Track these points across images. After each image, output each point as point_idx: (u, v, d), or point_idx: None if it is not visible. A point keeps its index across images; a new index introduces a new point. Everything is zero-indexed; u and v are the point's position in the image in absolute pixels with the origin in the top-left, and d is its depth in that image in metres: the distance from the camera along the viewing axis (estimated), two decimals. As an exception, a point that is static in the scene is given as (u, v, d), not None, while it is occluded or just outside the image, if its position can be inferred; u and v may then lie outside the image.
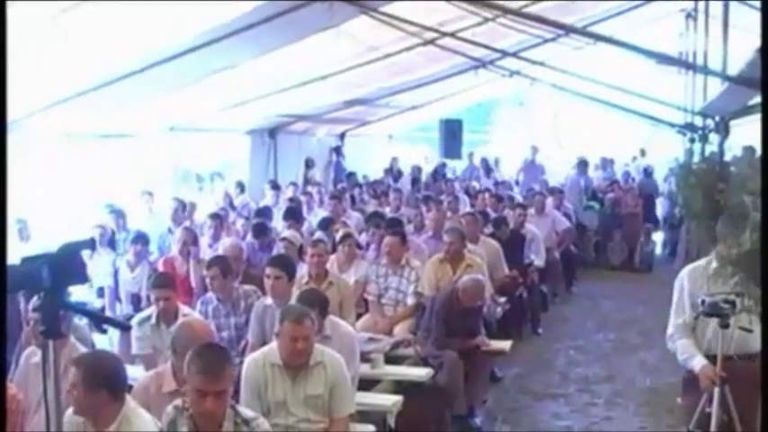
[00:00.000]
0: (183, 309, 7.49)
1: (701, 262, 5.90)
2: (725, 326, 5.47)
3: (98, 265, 10.14)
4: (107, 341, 8.61)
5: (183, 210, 12.43)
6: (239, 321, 7.87)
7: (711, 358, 5.59)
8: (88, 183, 12.62)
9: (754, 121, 8.65)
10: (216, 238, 11.01)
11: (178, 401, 4.75)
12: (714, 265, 5.40)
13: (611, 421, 8.71)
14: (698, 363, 5.61)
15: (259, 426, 4.77)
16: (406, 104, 19.36)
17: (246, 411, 4.87)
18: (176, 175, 15.43)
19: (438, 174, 20.01)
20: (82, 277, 3.35)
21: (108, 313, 9.66)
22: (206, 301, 8.01)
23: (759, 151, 5.35)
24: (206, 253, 9.95)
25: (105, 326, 8.75)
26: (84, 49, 8.51)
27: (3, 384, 4.26)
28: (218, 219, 11.61)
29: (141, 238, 9.97)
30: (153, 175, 14.37)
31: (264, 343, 6.73)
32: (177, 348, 5.45)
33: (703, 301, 5.51)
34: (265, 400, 5.69)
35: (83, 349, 6.03)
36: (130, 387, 5.87)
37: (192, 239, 9.83)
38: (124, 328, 7.66)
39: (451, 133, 17.44)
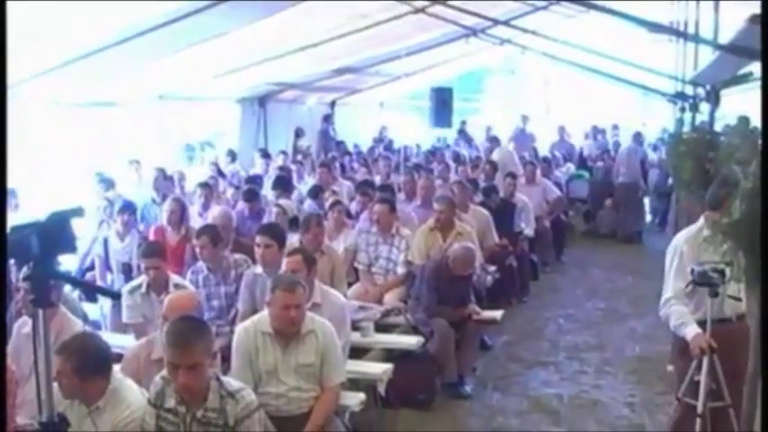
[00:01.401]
0: (174, 278, 7.49)
1: (695, 228, 5.92)
2: (714, 294, 5.50)
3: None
4: (98, 310, 8.62)
5: (164, 178, 12.37)
6: (229, 290, 7.88)
7: (704, 324, 5.63)
8: (77, 151, 12.57)
9: (745, 90, 8.66)
10: (206, 207, 10.98)
11: (165, 372, 4.75)
12: (705, 232, 5.41)
13: (601, 389, 8.74)
14: (691, 331, 5.64)
15: (245, 397, 4.77)
16: (397, 73, 19.31)
17: (232, 383, 4.87)
18: (166, 143, 15.38)
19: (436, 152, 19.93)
20: (71, 246, 3.34)
21: (99, 283, 9.64)
22: (196, 270, 8.02)
23: (753, 121, 5.36)
24: (196, 222, 9.93)
25: (96, 295, 8.80)
26: (72, 17, 8.46)
27: (3, 384, 4.28)
28: (208, 188, 11.58)
29: (128, 208, 9.92)
30: (142, 143, 14.31)
31: (255, 311, 6.75)
32: (168, 316, 5.47)
33: (693, 270, 5.54)
34: (256, 368, 5.70)
35: (73, 319, 6.04)
36: (121, 356, 5.90)
37: (181, 209, 9.81)
38: (114, 296, 7.71)
39: (442, 101, 17.28)
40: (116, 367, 5.15)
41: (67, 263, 9.03)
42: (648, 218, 19.39)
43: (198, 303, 6.08)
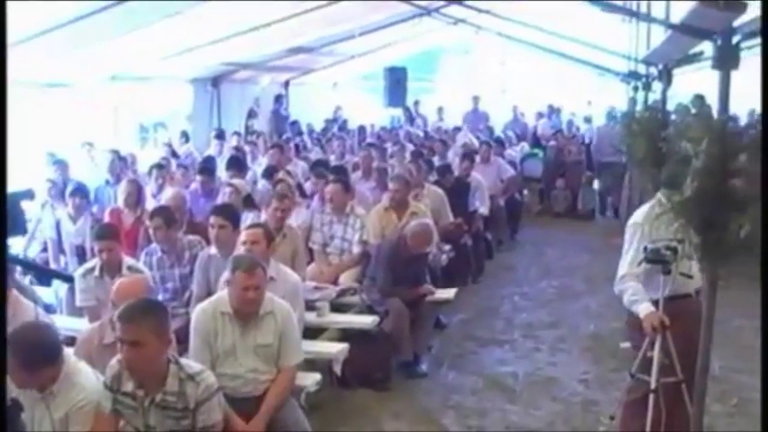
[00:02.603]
0: (127, 260, 7.43)
1: (651, 206, 5.96)
2: (667, 272, 5.56)
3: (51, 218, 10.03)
4: (53, 294, 8.53)
5: (119, 160, 12.27)
6: (184, 272, 7.85)
7: (668, 300, 5.69)
8: (29, 133, 12.42)
9: (696, 69, 8.72)
10: (160, 188, 10.93)
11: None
12: (657, 210, 5.46)
13: (556, 366, 8.82)
14: (644, 308, 5.68)
15: (204, 380, 4.77)
16: (351, 52, 19.26)
17: (191, 365, 4.86)
18: (119, 124, 15.25)
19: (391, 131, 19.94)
20: (21, 228, 3.31)
21: (52, 266, 9.54)
22: (150, 252, 7.97)
23: (707, 100, 5.42)
24: (151, 204, 9.87)
25: (50, 279, 8.69)
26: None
27: (3, 384, 4.24)
28: (162, 169, 11.51)
29: (80, 190, 9.80)
30: (95, 125, 14.17)
31: (210, 293, 6.74)
32: (116, 302, 5.42)
33: (646, 248, 5.59)
34: (214, 348, 5.70)
35: (25, 303, 5.96)
36: (74, 339, 5.85)
37: (137, 191, 9.74)
38: (67, 280, 7.64)
39: (396, 81, 17.34)
40: (69, 351, 5.11)
41: (14, 246, 8.94)
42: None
43: (148, 287, 6.04)
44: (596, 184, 18.67)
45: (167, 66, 14.38)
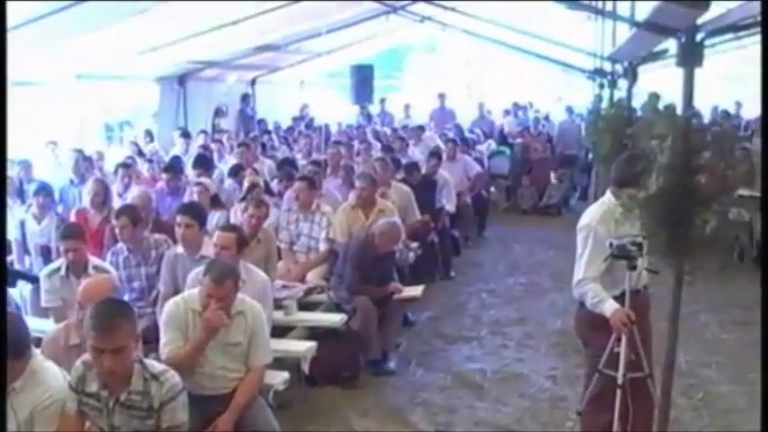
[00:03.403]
0: (93, 260, 7.38)
1: (603, 205, 5.99)
2: (633, 267, 5.59)
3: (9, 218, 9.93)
4: (18, 295, 8.46)
5: (83, 160, 12.19)
6: (150, 271, 7.80)
7: (619, 297, 5.72)
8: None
9: (661, 66, 8.79)
10: (126, 187, 10.86)
11: (86, 356, 4.68)
12: (619, 207, 5.49)
13: (523, 363, 8.85)
14: (609, 307, 5.72)
15: (169, 380, 4.73)
16: (318, 50, 19.22)
17: (155, 365, 4.83)
18: (84, 123, 15.14)
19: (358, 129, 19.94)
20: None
21: (17, 266, 9.46)
22: (116, 252, 7.91)
23: (665, 98, 5.46)
24: (117, 203, 9.81)
25: (14, 279, 8.61)
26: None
27: (3, 384, 4.18)
28: (128, 168, 11.44)
29: (44, 190, 9.72)
30: (59, 124, 14.06)
31: (176, 292, 6.71)
32: (82, 303, 5.38)
33: (611, 244, 5.62)
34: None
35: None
36: (39, 340, 5.80)
37: (104, 191, 9.68)
38: (32, 280, 7.57)
39: (363, 79, 17.29)
40: (37, 350, 5.06)
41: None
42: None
43: (114, 287, 5.99)
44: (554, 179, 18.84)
45: (133, 64, 14.30)
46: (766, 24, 4.41)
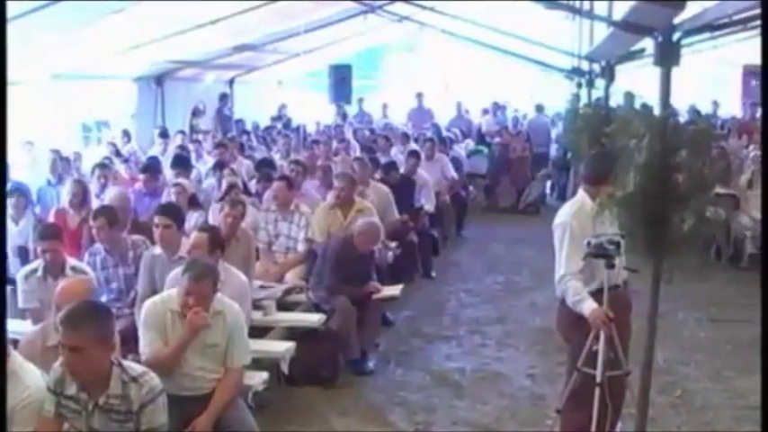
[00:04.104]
0: (71, 261, 7.34)
1: (578, 202, 6.03)
2: (610, 266, 5.62)
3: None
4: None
5: (61, 161, 12.13)
6: (128, 272, 7.78)
7: (598, 294, 5.75)
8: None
9: (638, 66, 8.83)
10: (102, 187, 10.82)
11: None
12: (593, 206, 5.52)
13: (502, 361, 8.87)
14: (588, 306, 5.74)
15: (148, 381, 4.71)
16: (296, 50, 19.16)
17: (134, 367, 4.80)
18: (61, 124, 15.05)
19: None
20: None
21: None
22: (94, 253, 7.88)
23: (640, 96, 5.49)
24: (95, 203, 9.77)
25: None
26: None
27: (3, 386, 4.15)
28: (105, 168, 11.39)
29: (18, 190, 9.69)
30: (36, 124, 13.97)
31: (155, 293, 6.68)
32: (59, 304, 5.36)
33: (589, 243, 5.64)
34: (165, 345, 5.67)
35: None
36: (17, 342, 5.77)
37: (83, 191, 9.64)
38: (9, 281, 7.52)
39: (341, 79, 17.34)
40: (15, 352, 5.03)
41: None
42: (548, 192, 19.74)
43: (92, 288, 5.98)
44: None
45: (111, 64, 14.23)
46: (766, 24, 4.43)
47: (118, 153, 14.41)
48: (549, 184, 20.08)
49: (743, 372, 8.32)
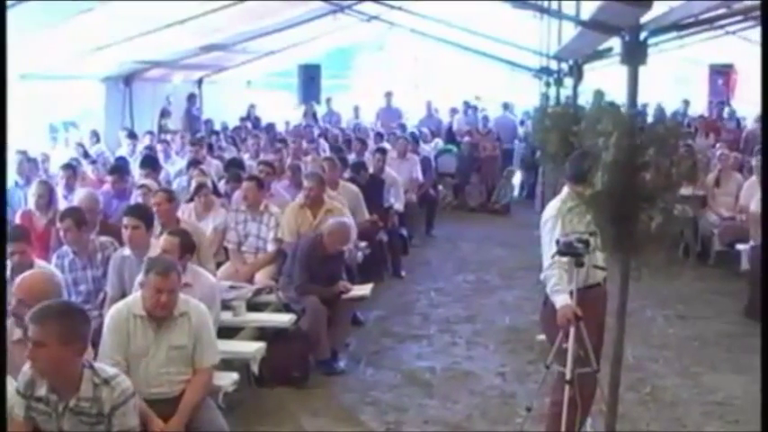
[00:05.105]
0: (39, 263, 7.26)
1: (561, 200, 6.07)
2: (579, 264, 5.65)
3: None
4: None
5: (28, 162, 12.05)
6: (96, 274, 7.70)
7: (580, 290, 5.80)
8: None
9: (606, 65, 8.87)
10: (70, 188, 10.75)
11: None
12: (569, 204, 5.55)
13: (473, 360, 8.88)
14: (561, 300, 5.78)
15: (120, 384, 4.69)
16: (265, 50, 19.13)
17: (106, 369, 4.77)
18: (27, 124, 14.93)
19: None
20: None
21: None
22: (62, 255, 7.79)
23: (608, 94, 5.51)
24: (62, 204, 9.70)
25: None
26: None
27: (3, 387, 4.10)
28: (72, 169, 11.31)
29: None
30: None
31: (124, 295, 6.66)
32: (22, 298, 5.33)
33: (558, 241, 5.67)
34: (128, 350, 5.64)
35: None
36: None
37: (49, 193, 9.58)
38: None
39: (310, 78, 17.35)
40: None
41: None
42: (516, 191, 19.80)
43: (51, 279, 5.90)
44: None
45: (78, 64, 14.13)
46: (766, 24, 4.47)
47: (86, 154, 14.32)
48: (518, 183, 20.15)
49: (711, 368, 8.41)
